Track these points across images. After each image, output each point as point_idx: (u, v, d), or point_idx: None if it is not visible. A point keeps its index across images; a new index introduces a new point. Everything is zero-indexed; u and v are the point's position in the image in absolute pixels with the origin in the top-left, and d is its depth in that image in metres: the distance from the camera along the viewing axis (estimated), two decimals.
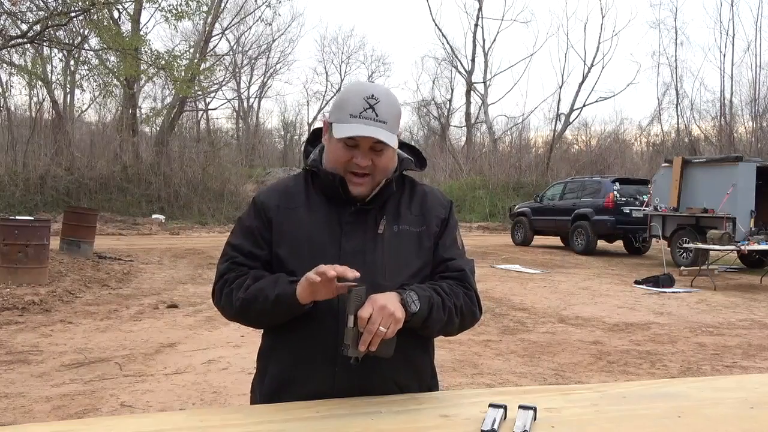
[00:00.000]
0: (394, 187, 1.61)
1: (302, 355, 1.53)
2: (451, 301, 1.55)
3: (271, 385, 1.59)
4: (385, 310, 1.38)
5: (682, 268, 12.19)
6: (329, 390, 1.50)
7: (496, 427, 1.30)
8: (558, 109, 33.68)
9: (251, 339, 5.50)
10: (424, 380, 1.64)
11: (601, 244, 16.04)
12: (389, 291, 1.47)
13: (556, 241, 17.71)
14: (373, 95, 1.51)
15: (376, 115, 1.50)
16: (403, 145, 1.71)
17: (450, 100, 38.83)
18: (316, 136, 1.71)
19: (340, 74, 43.38)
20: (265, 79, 40.31)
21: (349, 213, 1.58)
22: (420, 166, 1.70)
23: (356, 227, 1.57)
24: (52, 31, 13.75)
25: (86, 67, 17.02)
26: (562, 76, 49.41)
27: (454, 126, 39.71)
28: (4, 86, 24.30)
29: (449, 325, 1.57)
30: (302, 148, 1.74)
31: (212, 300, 1.68)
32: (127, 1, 15.63)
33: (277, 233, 1.59)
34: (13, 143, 23.06)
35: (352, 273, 1.40)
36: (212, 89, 32.11)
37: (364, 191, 1.56)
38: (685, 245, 12.82)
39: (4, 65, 17.45)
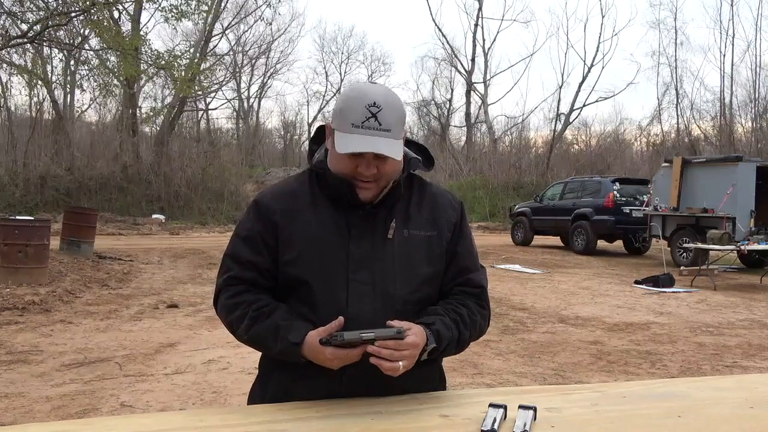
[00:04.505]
0: (402, 190, 1.56)
1: (308, 363, 1.47)
2: (467, 333, 1.54)
3: (276, 393, 1.55)
4: (401, 353, 1.36)
5: (682, 268, 12.19)
6: (335, 396, 1.48)
7: (496, 427, 1.30)
8: (558, 109, 33.77)
9: None
10: (431, 383, 1.61)
11: (601, 244, 16.04)
12: (399, 299, 1.49)
13: (556, 241, 17.70)
14: (375, 102, 1.44)
15: (379, 124, 1.44)
16: (410, 143, 1.65)
17: (450, 100, 38.88)
18: (320, 134, 1.64)
19: (340, 74, 43.37)
20: (265, 79, 40.34)
21: (357, 216, 1.52)
22: (427, 166, 1.64)
23: (365, 231, 1.52)
24: (52, 31, 13.75)
25: (86, 67, 17.07)
26: (562, 76, 49.11)
27: (454, 126, 39.77)
28: (4, 86, 24.34)
29: (457, 351, 1.57)
30: (306, 147, 1.71)
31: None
32: (127, 1, 15.67)
33: (283, 237, 1.53)
34: (13, 143, 23.10)
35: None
36: (212, 89, 32.15)
37: (372, 195, 1.52)
38: (685, 245, 12.82)
39: (4, 65, 17.45)
